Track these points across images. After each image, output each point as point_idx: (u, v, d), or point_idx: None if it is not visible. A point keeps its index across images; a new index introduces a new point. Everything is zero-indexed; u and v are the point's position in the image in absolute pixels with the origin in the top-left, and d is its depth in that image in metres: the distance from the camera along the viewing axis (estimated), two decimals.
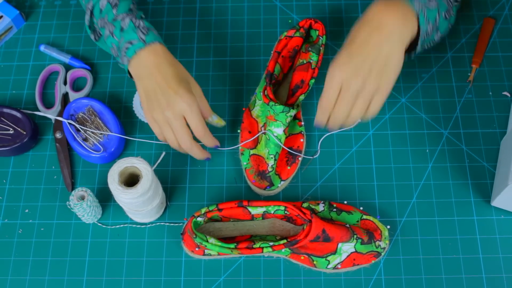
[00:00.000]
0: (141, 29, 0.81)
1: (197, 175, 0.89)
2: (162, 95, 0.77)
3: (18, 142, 0.89)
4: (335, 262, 0.80)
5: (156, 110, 0.78)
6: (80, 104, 0.92)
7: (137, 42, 0.80)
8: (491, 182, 0.87)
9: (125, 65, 0.82)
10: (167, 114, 0.77)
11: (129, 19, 0.82)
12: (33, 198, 0.88)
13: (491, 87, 0.94)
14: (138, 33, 0.81)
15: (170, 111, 0.77)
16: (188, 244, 0.80)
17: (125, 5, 0.84)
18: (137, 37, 0.80)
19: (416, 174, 0.88)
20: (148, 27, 0.82)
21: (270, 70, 0.89)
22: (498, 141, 0.90)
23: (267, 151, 0.85)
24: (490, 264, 0.81)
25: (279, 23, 1.01)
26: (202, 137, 0.79)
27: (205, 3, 1.04)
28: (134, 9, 0.85)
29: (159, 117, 0.78)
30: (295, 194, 0.87)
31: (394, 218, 0.85)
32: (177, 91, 0.76)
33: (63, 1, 1.05)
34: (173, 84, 0.77)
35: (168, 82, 0.77)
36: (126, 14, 0.83)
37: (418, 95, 0.94)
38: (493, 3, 1.02)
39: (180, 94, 0.76)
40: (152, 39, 0.81)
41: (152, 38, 0.81)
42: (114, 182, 0.76)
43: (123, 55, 0.82)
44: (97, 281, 0.82)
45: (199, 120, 0.77)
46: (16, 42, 1.02)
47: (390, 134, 0.91)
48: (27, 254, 0.84)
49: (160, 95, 0.77)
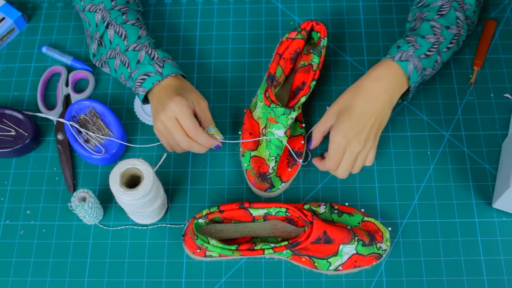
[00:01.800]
0: (157, 62, 0.85)
1: (198, 176, 0.89)
2: (161, 105, 0.82)
3: (20, 143, 0.90)
4: (336, 264, 0.80)
5: (156, 119, 0.82)
6: (81, 105, 0.92)
7: (154, 74, 0.84)
8: (492, 184, 0.87)
9: (140, 94, 0.85)
10: (161, 118, 0.81)
11: (144, 52, 0.86)
12: (34, 199, 0.88)
13: (493, 89, 0.94)
14: (155, 66, 0.85)
15: (164, 115, 0.80)
16: (190, 246, 0.80)
17: (133, 33, 0.87)
18: (154, 70, 0.84)
19: (417, 176, 0.88)
20: (163, 57, 0.86)
21: (272, 72, 0.89)
22: (499, 143, 0.90)
23: (268, 153, 0.85)
24: (492, 266, 0.81)
25: (280, 25, 1.01)
26: (195, 137, 0.80)
27: (206, 5, 1.04)
28: (143, 35, 0.88)
29: (158, 125, 0.82)
30: (297, 196, 0.87)
31: (396, 220, 0.85)
32: (172, 98, 0.80)
33: (65, 3, 1.05)
34: (171, 94, 0.81)
35: (168, 94, 0.82)
36: (137, 44, 0.87)
37: (420, 97, 0.94)
38: (494, 5, 1.02)
39: (172, 99, 0.80)
40: (169, 71, 0.84)
41: (168, 70, 0.85)
42: (115, 184, 0.76)
43: (137, 85, 0.85)
44: (98, 283, 0.82)
45: (189, 121, 0.80)
46: (18, 43, 1.02)
47: (391, 136, 0.91)
48: (28, 255, 0.84)
49: (160, 105, 0.82)
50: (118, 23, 0.88)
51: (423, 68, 0.81)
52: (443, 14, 0.84)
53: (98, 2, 0.89)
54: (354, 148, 0.78)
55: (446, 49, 0.84)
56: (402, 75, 0.80)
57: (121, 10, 0.89)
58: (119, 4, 0.90)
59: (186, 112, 0.80)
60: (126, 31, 0.87)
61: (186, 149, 0.83)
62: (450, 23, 0.84)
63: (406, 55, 0.80)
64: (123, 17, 0.88)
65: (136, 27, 0.88)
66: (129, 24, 0.88)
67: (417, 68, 0.81)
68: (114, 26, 0.88)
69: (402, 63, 0.80)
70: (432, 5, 0.86)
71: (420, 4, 0.88)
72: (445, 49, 0.84)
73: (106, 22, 0.88)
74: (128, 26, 0.88)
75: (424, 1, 0.88)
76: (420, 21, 0.85)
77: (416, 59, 0.81)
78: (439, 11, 0.84)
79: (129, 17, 0.89)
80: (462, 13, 0.85)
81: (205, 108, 0.84)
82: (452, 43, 0.85)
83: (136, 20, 0.90)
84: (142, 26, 0.89)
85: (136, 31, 0.88)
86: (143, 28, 0.89)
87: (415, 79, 0.81)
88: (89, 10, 0.90)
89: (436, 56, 0.83)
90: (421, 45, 0.81)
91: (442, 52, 0.83)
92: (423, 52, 0.81)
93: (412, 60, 0.80)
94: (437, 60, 0.83)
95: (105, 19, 0.88)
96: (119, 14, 0.88)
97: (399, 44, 0.82)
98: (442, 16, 0.84)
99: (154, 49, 0.87)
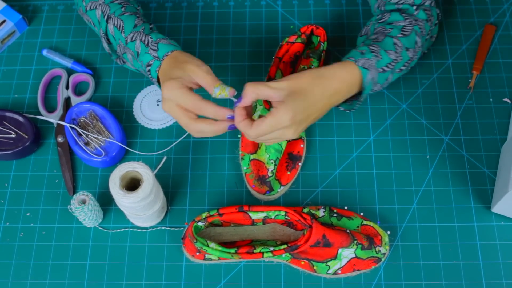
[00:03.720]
0: (152, 47, 0.81)
1: (198, 179, 0.89)
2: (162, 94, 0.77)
3: (20, 146, 0.90)
4: (335, 267, 0.80)
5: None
6: (82, 108, 0.92)
7: (153, 61, 0.81)
8: (491, 188, 0.87)
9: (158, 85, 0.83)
10: (165, 109, 0.76)
11: (139, 41, 0.83)
12: (34, 201, 0.89)
13: (492, 93, 0.94)
14: (151, 52, 0.81)
15: (164, 106, 0.76)
16: (189, 249, 0.80)
17: (130, 23, 0.85)
18: (152, 57, 0.81)
19: (416, 180, 0.88)
20: (156, 40, 0.82)
21: (271, 76, 0.89)
22: (498, 147, 0.90)
23: (267, 156, 0.86)
24: (490, 270, 0.81)
25: (280, 29, 1.02)
26: (200, 111, 0.75)
27: (207, 8, 1.04)
28: (139, 23, 0.85)
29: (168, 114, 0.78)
30: (296, 199, 0.87)
31: (395, 223, 0.85)
32: (164, 86, 0.76)
33: (66, 6, 1.06)
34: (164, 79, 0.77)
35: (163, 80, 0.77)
36: (133, 33, 0.84)
37: (419, 101, 0.94)
38: (494, 10, 1.02)
39: (164, 87, 0.75)
40: (164, 52, 0.80)
41: (163, 51, 0.80)
42: (115, 186, 0.76)
43: (150, 77, 0.83)
44: (98, 285, 0.82)
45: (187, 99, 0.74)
46: (19, 46, 1.02)
47: (390, 140, 0.91)
48: (28, 258, 0.85)
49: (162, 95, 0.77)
50: (116, 16, 0.86)
51: (375, 83, 0.80)
52: (405, 34, 0.82)
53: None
54: (288, 134, 0.73)
55: (399, 70, 0.82)
56: (358, 82, 0.78)
57: (121, 4, 0.87)
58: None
59: (180, 94, 0.74)
60: (123, 22, 0.85)
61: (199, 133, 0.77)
62: (410, 45, 0.82)
63: (368, 64, 0.78)
64: (122, 10, 0.86)
65: (132, 16, 0.86)
66: (126, 15, 0.86)
67: (373, 80, 0.79)
68: (113, 19, 0.86)
69: (364, 70, 0.77)
70: (395, 24, 0.83)
71: (382, 21, 0.85)
72: (398, 70, 0.82)
73: (106, 15, 0.86)
74: (125, 17, 0.85)
75: (386, 19, 0.85)
76: (383, 35, 0.82)
77: (375, 71, 0.78)
78: (402, 31, 0.82)
79: (128, 10, 0.87)
80: (421, 39, 0.84)
81: (203, 74, 0.76)
82: (405, 66, 0.83)
83: (135, 12, 0.87)
84: (139, 16, 0.87)
85: (133, 20, 0.85)
86: (140, 18, 0.86)
87: (367, 91, 0.80)
88: (90, 8, 0.89)
89: (389, 74, 0.81)
90: (382, 58, 0.79)
91: (395, 72, 0.82)
92: (382, 66, 0.79)
93: (372, 71, 0.78)
94: (387, 79, 0.81)
95: (105, 13, 0.87)
96: (118, 7, 0.87)
97: (363, 51, 0.79)
98: (404, 36, 0.82)
99: (147, 34, 0.83)
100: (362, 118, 0.93)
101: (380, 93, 0.95)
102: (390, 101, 0.94)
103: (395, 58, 0.80)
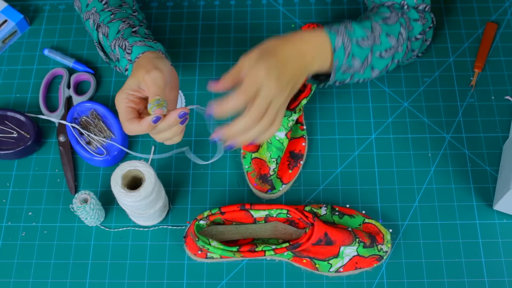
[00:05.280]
0: (127, 51, 0.80)
1: (199, 178, 0.89)
2: None
3: (22, 145, 0.90)
4: (337, 266, 0.80)
5: None
6: (83, 107, 0.92)
7: (129, 65, 0.81)
8: (493, 186, 0.87)
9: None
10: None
11: (118, 47, 0.82)
12: (36, 201, 0.89)
13: (494, 91, 0.94)
14: (126, 56, 0.80)
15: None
16: (191, 247, 0.80)
17: (114, 29, 0.83)
18: (127, 61, 0.80)
19: (418, 178, 0.88)
20: (132, 42, 0.79)
21: None
22: (500, 145, 0.90)
23: (269, 155, 0.86)
24: (492, 268, 0.81)
25: (282, 28, 1.02)
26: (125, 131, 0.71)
27: (208, 7, 1.05)
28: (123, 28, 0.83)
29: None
30: (298, 197, 0.87)
31: (396, 221, 0.85)
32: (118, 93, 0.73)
33: (67, 6, 1.06)
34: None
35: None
36: (115, 39, 0.82)
37: (421, 99, 0.94)
38: (495, 8, 1.02)
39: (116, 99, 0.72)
40: (136, 54, 0.78)
41: (135, 54, 0.78)
42: (117, 185, 0.76)
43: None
44: (99, 284, 0.82)
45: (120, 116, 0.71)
46: (20, 46, 1.02)
47: (392, 138, 0.91)
48: (30, 257, 0.85)
49: None
50: (104, 24, 0.85)
51: (352, 53, 0.76)
52: (388, 23, 0.81)
53: (90, 7, 0.88)
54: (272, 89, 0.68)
55: (378, 55, 0.80)
56: (327, 46, 0.75)
57: (110, 11, 0.86)
58: (111, 5, 0.87)
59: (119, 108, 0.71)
60: (109, 29, 0.83)
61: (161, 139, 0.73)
62: (391, 33, 0.80)
63: (335, 29, 0.76)
64: (111, 17, 0.85)
65: (118, 22, 0.83)
66: (113, 22, 0.84)
67: (345, 45, 0.75)
68: (102, 28, 0.85)
69: (331, 34, 0.75)
70: (381, 14, 0.83)
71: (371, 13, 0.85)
72: (377, 54, 0.79)
73: (96, 24, 0.86)
74: (111, 23, 0.84)
75: (376, 10, 0.85)
76: (365, 19, 0.81)
77: (346, 37, 0.75)
78: (386, 20, 0.81)
79: (117, 16, 0.85)
80: (406, 32, 0.82)
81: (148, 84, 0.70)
82: (387, 53, 0.80)
83: (125, 17, 0.85)
84: (126, 21, 0.84)
85: (117, 26, 0.83)
86: (126, 22, 0.84)
87: (341, 56, 0.76)
88: (85, 19, 0.89)
89: (368, 52, 0.78)
90: (354, 30, 0.77)
91: (375, 54, 0.79)
92: (355, 37, 0.76)
93: (341, 35, 0.75)
94: (367, 58, 0.79)
95: (96, 22, 0.86)
96: (107, 15, 0.85)
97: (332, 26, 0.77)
98: (386, 23, 0.81)
99: (125, 39, 0.80)
100: (364, 116, 0.93)
101: (382, 91, 0.95)
102: (392, 99, 0.94)
103: (371, 36, 0.78)
